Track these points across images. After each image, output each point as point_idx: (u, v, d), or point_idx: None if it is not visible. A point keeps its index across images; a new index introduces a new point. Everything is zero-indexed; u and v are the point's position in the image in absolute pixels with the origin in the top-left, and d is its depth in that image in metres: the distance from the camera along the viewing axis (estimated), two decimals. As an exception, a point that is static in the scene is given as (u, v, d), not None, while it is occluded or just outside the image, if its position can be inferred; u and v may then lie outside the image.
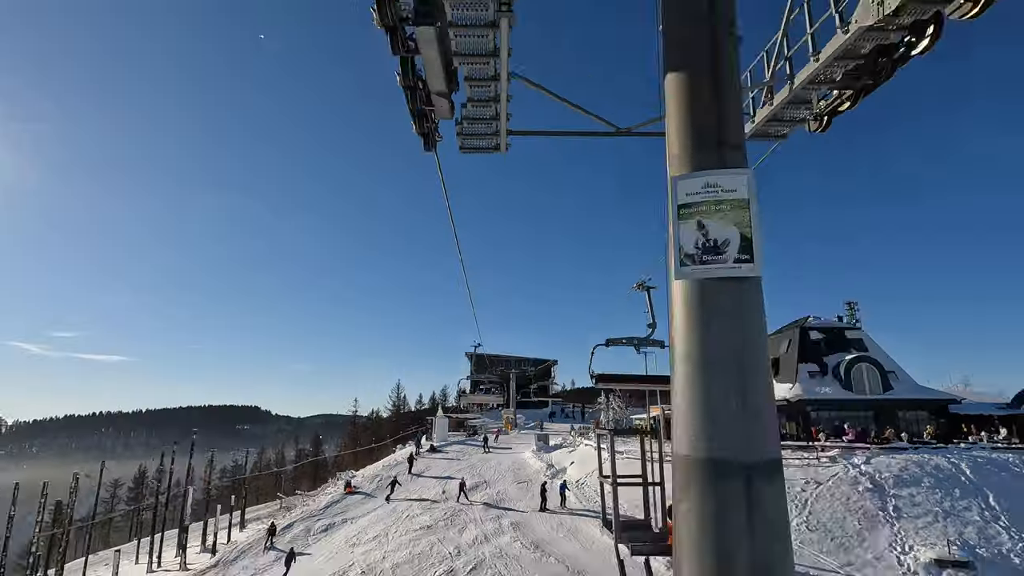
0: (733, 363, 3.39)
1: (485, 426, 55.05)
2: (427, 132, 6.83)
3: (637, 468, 28.90)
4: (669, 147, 4.04)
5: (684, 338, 3.62)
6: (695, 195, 3.71)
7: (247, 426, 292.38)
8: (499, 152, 7.19)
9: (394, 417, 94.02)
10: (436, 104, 6.11)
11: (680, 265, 3.67)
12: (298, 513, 31.05)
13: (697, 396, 3.44)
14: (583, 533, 22.51)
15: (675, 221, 3.77)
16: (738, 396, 3.34)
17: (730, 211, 3.60)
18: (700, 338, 3.52)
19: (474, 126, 6.60)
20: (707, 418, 3.37)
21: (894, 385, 29.75)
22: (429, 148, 7.12)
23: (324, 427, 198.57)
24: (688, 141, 3.86)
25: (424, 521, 25.52)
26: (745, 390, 3.34)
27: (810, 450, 24.60)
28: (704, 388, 3.42)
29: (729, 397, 3.34)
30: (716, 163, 3.71)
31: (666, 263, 4.03)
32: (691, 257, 3.64)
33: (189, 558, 31.13)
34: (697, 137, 3.82)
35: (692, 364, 3.50)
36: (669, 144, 4.03)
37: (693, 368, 3.48)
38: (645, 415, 44.93)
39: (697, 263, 3.60)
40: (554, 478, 31.24)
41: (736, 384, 3.36)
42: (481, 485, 30.86)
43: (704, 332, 3.51)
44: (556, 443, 40.97)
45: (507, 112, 6.36)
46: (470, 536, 23.15)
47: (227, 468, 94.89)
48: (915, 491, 20.98)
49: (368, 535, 24.92)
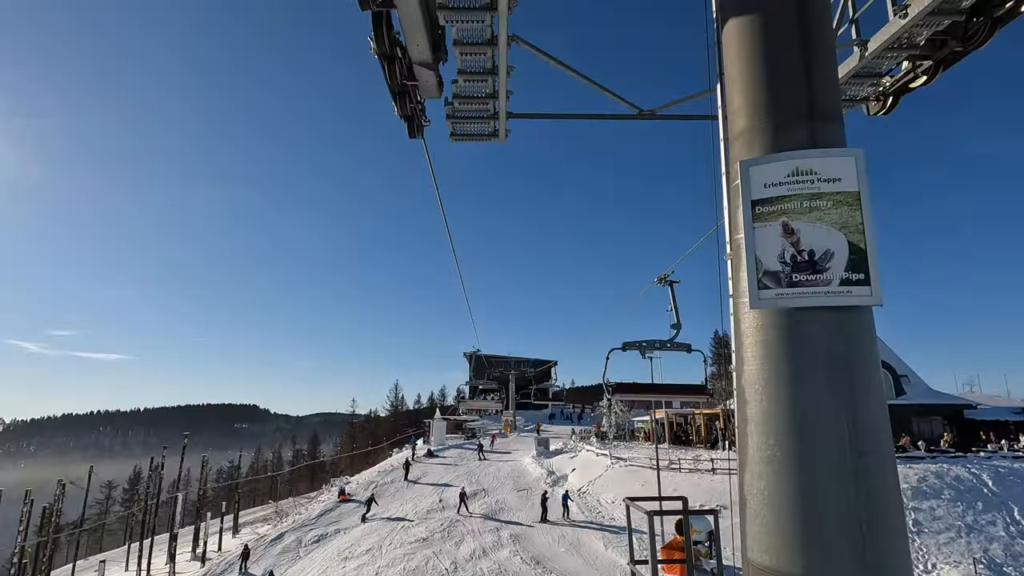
0: (838, 443, 2.31)
1: (484, 428, 54.01)
2: (411, 114, 5.71)
3: (641, 477, 27.70)
4: (732, 122, 2.93)
5: (763, 396, 2.52)
6: (778, 186, 2.60)
7: (245, 425, 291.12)
8: (497, 140, 6.09)
9: (392, 417, 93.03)
10: (420, 78, 4.99)
11: (759, 287, 2.56)
12: (290, 522, 29.95)
13: (786, 489, 2.36)
14: (586, 547, 21.45)
15: (747, 224, 2.66)
16: (849, 493, 2.26)
17: (832, 209, 2.50)
18: (789, 400, 2.43)
19: (467, 106, 5.49)
20: (802, 525, 2.29)
21: (907, 390, 28.73)
22: (414, 134, 6.00)
23: (323, 426, 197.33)
24: (763, 111, 2.75)
25: (419, 533, 24.44)
26: (859, 487, 2.26)
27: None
28: (796, 478, 2.34)
29: (836, 497, 2.26)
30: (806, 141, 2.62)
31: (726, 282, 2.94)
32: (774, 276, 2.54)
33: (179, 566, 30.13)
34: (777, 106, 2.72)
35: (776, 441, 2.40)
36: (732, 117, 2.93)
37: (779, 447, 2.39)
38: (648, 417, 43.98)
39: (784, 284, 2.50)
40: (555, 486, 30.20)
41: (845, 475, 2.28)
42: (480, 493, 29.78)
43: (794, 392, 2.42)
44: (557, 448, 39.92)
45: (507, 89, 5.27)
46: (467, 550, 22.08)
47: (223, 469, 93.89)
48: (935, 504, 19.95)
49: (361, 547, 23.85)
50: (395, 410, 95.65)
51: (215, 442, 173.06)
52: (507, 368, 67.41)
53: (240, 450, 72.29)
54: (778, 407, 2.38)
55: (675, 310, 8.85)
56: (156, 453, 41.25)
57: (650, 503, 6.82)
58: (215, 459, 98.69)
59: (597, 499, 26.65)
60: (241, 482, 53.22)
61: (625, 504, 7.01)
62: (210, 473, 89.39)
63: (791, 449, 2.32)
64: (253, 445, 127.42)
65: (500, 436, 49.70)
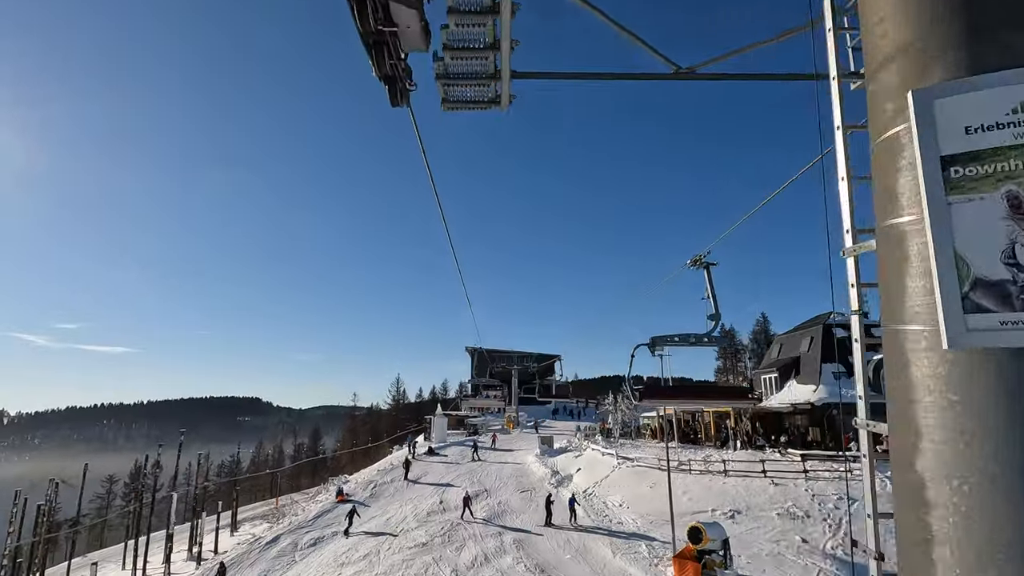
0: None
1: (487, 424, 53.12)
2: (392, 75, 4.60)
3: (649, 479, 26.72)
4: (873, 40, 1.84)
5: (960, 503, 1.42)
6: (994, 132, 1.50)
7: (248, 418, 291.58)
8: (498, 108, 4.97)
9: (394, 411, 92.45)
10: (400, 22, 3.87)
11: (967, 309, 1.45)
12: (286, 524, 29.11)
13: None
14: (593, 554, 20.49)
15: (931, 197, 1.55)
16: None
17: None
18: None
19: (462, 61, 4.40)
20: None
21: None
22: (398, 101, 4.82)
23: (325, 419, 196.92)
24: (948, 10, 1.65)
25: (419, 537, 23.54)
26: None
27: (840, 460, 22.49)
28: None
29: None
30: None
31: (844, 292, 1.87)
32: (997, 290, 1.43)
33: (175, 567, 29.42)
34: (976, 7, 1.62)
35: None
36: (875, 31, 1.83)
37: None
38: (654, 413, 42.87)
39: (1019, 303, 1.40)
40: (559, 486, 29.27)
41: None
42: (481, 494, 28.85)
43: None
44: (561, 446, 38.94)
45: (511, 39, 4.17)
46: (469, 556, 21.16)
47: (224, 463, 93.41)
48: (963, 510, 18.89)
49: (359, 552, 22.98)
50: (397, 404, 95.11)
51: (217, 435, 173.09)
52: (510, 363, 66.44)
53: (238, 445, 71.66)
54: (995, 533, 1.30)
55: (712, 297, 7.76)
56: (159, 445, 40.62)
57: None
58: (217, 453, 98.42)
59: (604, 501, 25.67)
60: (240, 479, 52.59)
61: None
62: (211, 467, 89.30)
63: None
64: (256, 438, 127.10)
65: (502, 433, 48.77)
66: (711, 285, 7.87)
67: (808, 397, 27.81)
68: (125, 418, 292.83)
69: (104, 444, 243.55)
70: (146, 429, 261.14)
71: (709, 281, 7.88)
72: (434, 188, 6.36)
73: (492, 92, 4.73)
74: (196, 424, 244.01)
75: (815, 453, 23.85)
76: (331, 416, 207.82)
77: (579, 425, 49.40)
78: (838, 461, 22.48)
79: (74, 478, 40.06)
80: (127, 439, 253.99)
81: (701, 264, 7.98)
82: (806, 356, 30.75)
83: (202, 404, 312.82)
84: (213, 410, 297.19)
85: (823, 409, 27.44)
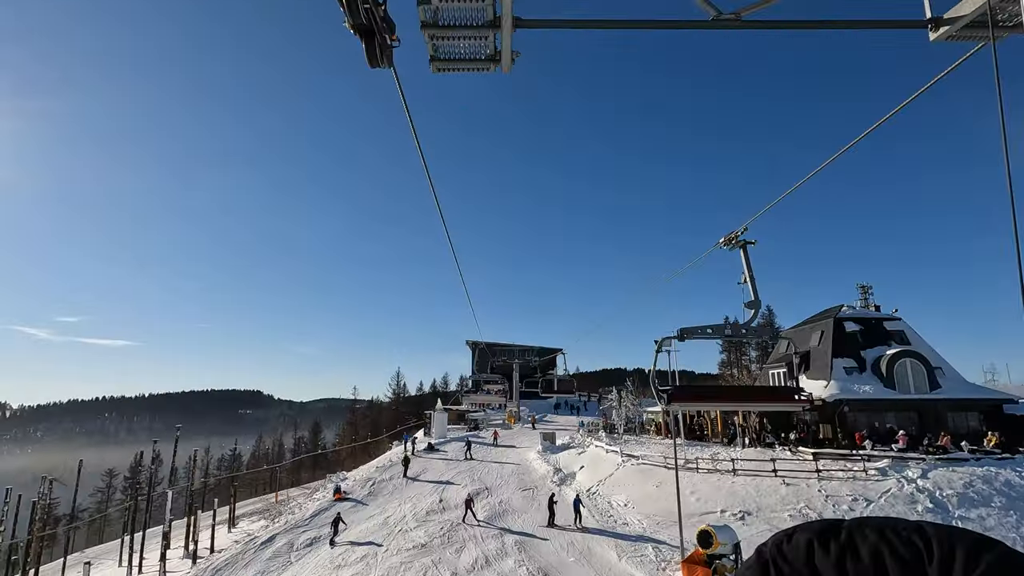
0: None
1: (487, 419, 52.45)
2: (369, 25, 3.73)
3: (655, 477, 25.93)
4: None
5: None
6: None
7: (249, 410, 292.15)
8: (498, 68, 4.11)
9: (394, 405, 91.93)
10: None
11: None
12: (282, 524, 28.45)
13: None
14: (597, 556, 19.77)
15: None
16: None
17: None
18: None
19: (453, 3, 3.54)
20: None
21: (941, 383, 26.75)
22: (377, 60, 3.94)
23: (326, 412, 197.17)
24: None
25: (418, 538, 22.84)
26: None
27: (854, 460, 21.71)
28: None
29: None
30: None
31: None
32: None
33: (171, 564, 28.79)
34: None
35: None
36: None
37: None
38: (658, 408, 42.13)
39: None
40: (562, 484, 28.57)
41: None
42: (482, 492, 28.16)
43: None
44: (563, 442, 38.23)
45: (514, -27, 3.30)
46: (469, 558, 20.45)
47: (224, 457, 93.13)
48: (985, 513, 18.12)
49: (356, 554, 22.28)
50: (397, 397, 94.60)
51: (219, 429, 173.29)
52: (511, 357, 65.63)
53: (236, 439, 71.21)
54: None
55: (750, 280, 6.81)
56: (160, 439, 39.95)
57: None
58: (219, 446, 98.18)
59: (608, 501, 24.95)
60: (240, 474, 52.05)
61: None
62: (211, 460, 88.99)
63: None
64: (257, 431, 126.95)
65: (504, 428, 48.07)
66: (748, 267, 6.94)
67: (819, 393, 26.98)
68: (127, 411, 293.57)
69: (106, 437, 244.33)
70: (147, 422, 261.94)
71: (746, 262, 6.97)
72: (424, 163, 5.51)
73: (491, 46, 3.86)
74: (198, 417, 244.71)
75: (828, 452, 23.05)
76: (332, 409, 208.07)
77: (582, 420, 48.67)
78: (852, 460, 21.68)
79: (73, 473, 39.43)
80: (129, 432, 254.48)
81: (737, 243, 7.05)
82: (816, 351, 29.90)
83: (204, 397, 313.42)
84: (215, 403, 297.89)
85: (834, 405, 26.64)
